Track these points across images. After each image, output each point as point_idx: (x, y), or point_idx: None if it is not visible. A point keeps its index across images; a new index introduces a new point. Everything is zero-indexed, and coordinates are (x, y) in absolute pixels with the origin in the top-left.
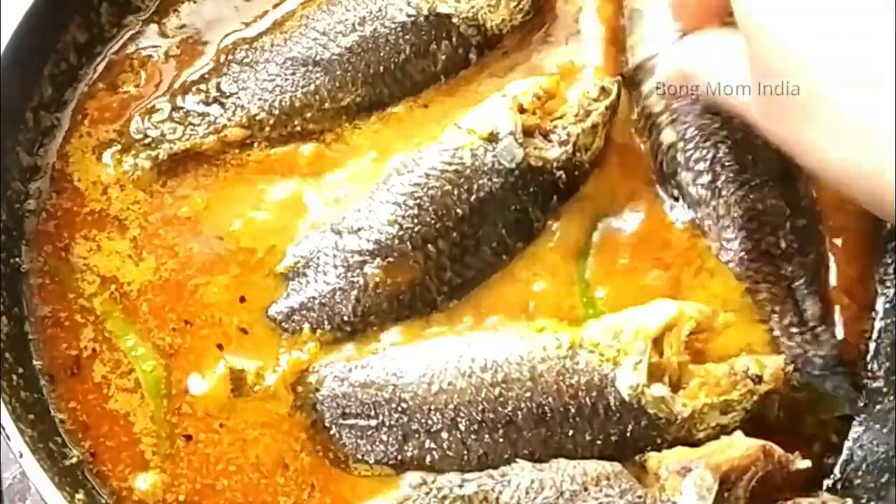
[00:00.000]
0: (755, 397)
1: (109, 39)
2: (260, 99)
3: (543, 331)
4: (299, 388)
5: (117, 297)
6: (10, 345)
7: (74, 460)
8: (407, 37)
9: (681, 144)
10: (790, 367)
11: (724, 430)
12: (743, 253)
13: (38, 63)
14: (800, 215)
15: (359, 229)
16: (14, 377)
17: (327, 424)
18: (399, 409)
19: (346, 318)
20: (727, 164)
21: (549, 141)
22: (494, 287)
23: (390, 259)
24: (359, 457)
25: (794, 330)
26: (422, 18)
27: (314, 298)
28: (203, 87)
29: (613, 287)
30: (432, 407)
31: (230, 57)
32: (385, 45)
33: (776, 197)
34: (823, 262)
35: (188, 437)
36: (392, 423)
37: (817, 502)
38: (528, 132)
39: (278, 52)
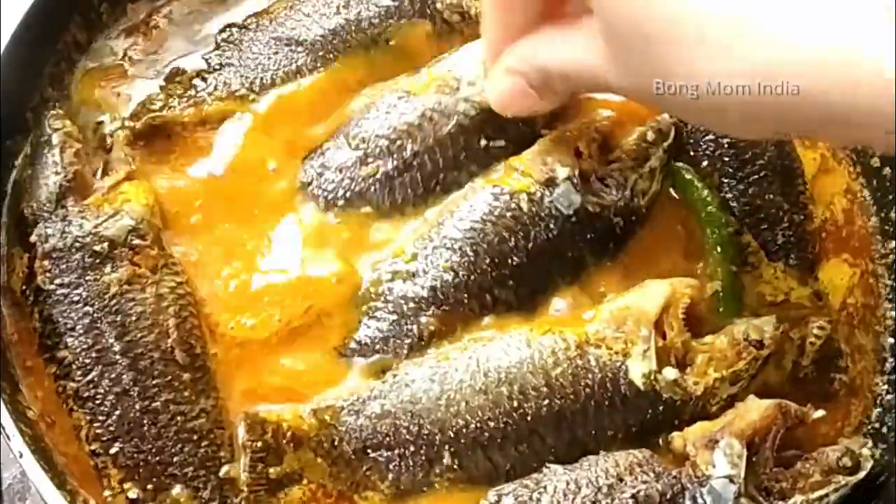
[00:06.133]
0: (759, 363)
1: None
2: (242, 76)
3: (547, 333)
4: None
5: None
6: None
7: None
8: (390, 20)
9: (682, 137)
10: (784, 326)
11: (735, 398)
12: None
13: (38, 63)
14: (798, 210)
15: (413, 274)
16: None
17: (349, 459)
18: (421, 434)
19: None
20: (727, 159)
21: (607, 186)
22: None
23: (445, 308)
24: (386, 487)
25: None
26: (406, 2)
27: (367, 346)
28: (190, 64)
29: None
30: (454, 429)
31: (218, 37)
32: (368, 27)
33: (775, 192)
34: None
35: None
36: (416, 449)
37: (840, 448)
38: (584, 176)
39: (263, 32)
